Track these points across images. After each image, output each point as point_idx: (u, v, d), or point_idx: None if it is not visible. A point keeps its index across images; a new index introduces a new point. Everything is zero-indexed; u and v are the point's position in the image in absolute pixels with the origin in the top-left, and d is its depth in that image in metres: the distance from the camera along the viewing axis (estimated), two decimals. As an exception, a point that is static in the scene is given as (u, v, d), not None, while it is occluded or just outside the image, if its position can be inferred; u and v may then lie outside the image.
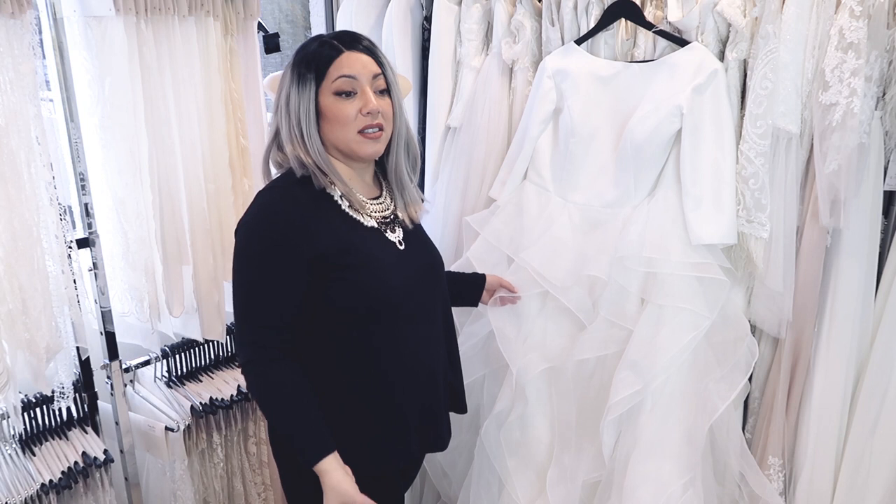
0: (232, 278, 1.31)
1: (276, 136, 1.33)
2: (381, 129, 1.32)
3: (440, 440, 1.50)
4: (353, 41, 1.31)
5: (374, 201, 1.38)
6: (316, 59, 1.29)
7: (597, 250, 1.70)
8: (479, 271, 1.79)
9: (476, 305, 1.74)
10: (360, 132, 1.30)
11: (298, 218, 1.27)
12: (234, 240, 1.32)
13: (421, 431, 1.42)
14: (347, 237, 1.30)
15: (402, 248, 1.38)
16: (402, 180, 1.42)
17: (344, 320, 1.31)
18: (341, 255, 1.28)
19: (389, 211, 1.40)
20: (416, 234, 1.44)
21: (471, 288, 1.71)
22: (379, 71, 1.31)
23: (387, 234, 1.37)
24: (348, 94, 1.29)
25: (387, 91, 1.33)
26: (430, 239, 1.51)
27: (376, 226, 1.36)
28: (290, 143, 1.31)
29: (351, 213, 1.33)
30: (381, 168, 1.44)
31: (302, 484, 1.42)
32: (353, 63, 1.29)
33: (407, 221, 1.42)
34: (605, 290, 1.67)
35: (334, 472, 1.27)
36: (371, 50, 1.32)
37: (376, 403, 1.34)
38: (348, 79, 1.29)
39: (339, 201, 1.32)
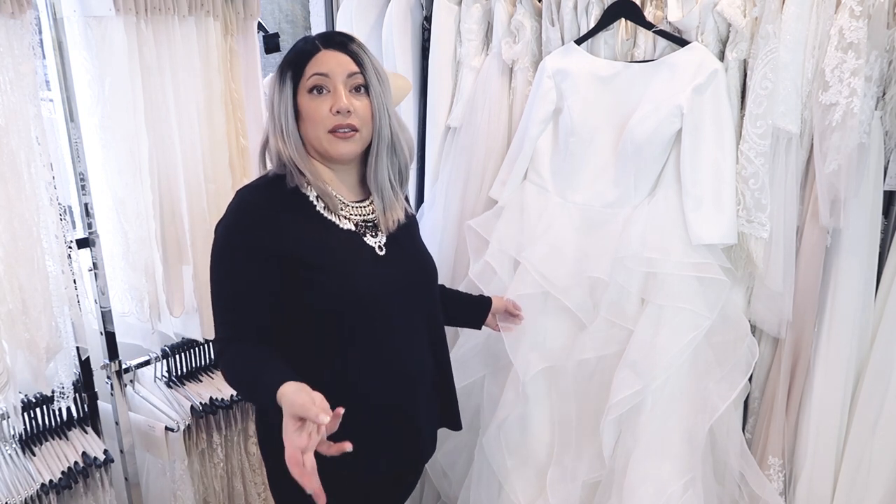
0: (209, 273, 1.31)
1: (268, 134, 1.34)
2: (354, 129, 1.28)
3: (419, 453, 1.46)
4: (333, 40, 1.30)
5: (357, 204, 1.36)
6: (295, 57, 1.30)
7: (598, 251, 1.70)
8: (497, 271, 1.79)
9: (479, 328, 1.70)
10: (331, 131, 1.28)
11: (268, 215, 1.26)
12: None
13: (396, 440, 1.38)
14: (319, 238, 1.29)
15: (381, 253, 1.35)
16: (382, 185, 1.36)
17: (317, 321, 1.29)
18: (311, 256, 1.27)
19: (373, 215, 1.37)
20: (405, 241, 1.41)
21: (476, 310, 1.68)
22: (356, 69, 1.28)
23: (365, 238, 1.34)
24: (320, 91, 1.27)
25: (366, 91, 1.30)
26: (423, 247, 1.47)
27: (354, 228, 1.33)
28: (273, 138, 1.31)
29: (325, 215, 1.31)
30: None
31: (286, 482, 1.41)
32: (327, 60, 1.28)
33: (390, 226, 1.38)
34: (606, 290, 1.67)
35: (282, 403, 1.12)
36: (350, 49, 1.29)
37: (348, 407, 1.23)
38: (321, 76, 1.27)
39: (315, 202, 1.31)
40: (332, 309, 1.29)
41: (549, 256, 1.74)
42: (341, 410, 1.10)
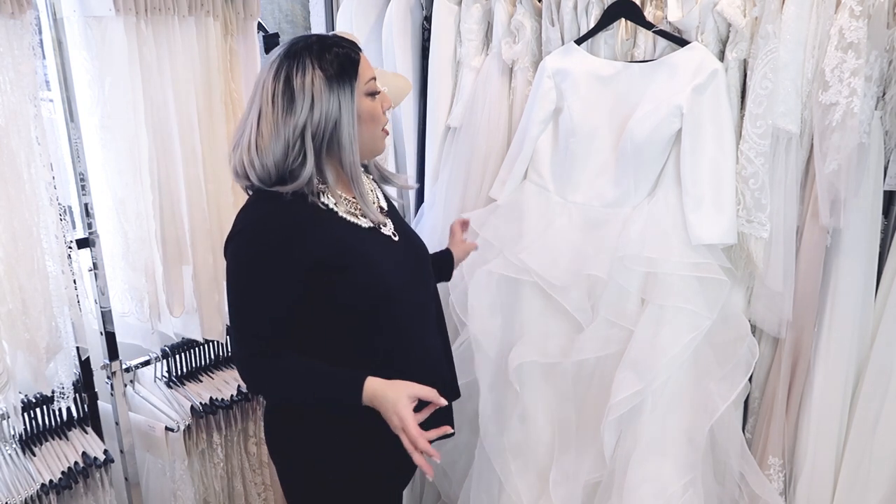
0: (226, 288, 1.30)
1: (302, 146, 1.25)
2: None
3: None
4: (357, 45, 1.33)
5: (354, 199, 1.37)
6: (349, 63, 1.28)
7: (597, 250, 1.70)
8: (468, 277, 1.82)
9: (449, 279, 1.74)
10: (383, 129, 1.36)
11: (295, 229, 1.26)
12: None
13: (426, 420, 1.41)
14: (346, 241, 1.30)
15: (396, 239, 1.39)
16: (382, 167, 1.50)
17: (347, 319, 1.31)
18: (341, 259, 1.28)
19: (376, 205, 1.41)
20: (402, 223, 1.46)
21: (441, 265, 1.71)
22: None
23: (382, 231, 1.38)
24: (377, 94, 1.33)
25: None
26: (413, 230, 1.53)
27: (372, 225, 1.36)
28: (318, 153, 1.27)
29: (348, 218, 1.33)
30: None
31: (299, 483, 1.42)
32: (370, 64, 1.33)
33: (383, 206, 1.44)
34: (604, 290, 1.67)
35: (378, 392, 1.24)
36: None
37: None
38: (375, 80, 1.33)
39: (335, 208, 1.32)
40: (365, 304, 1.31)
41: (548, 256, 1.74)
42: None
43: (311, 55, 1.25)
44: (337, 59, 1.27)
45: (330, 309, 1.30)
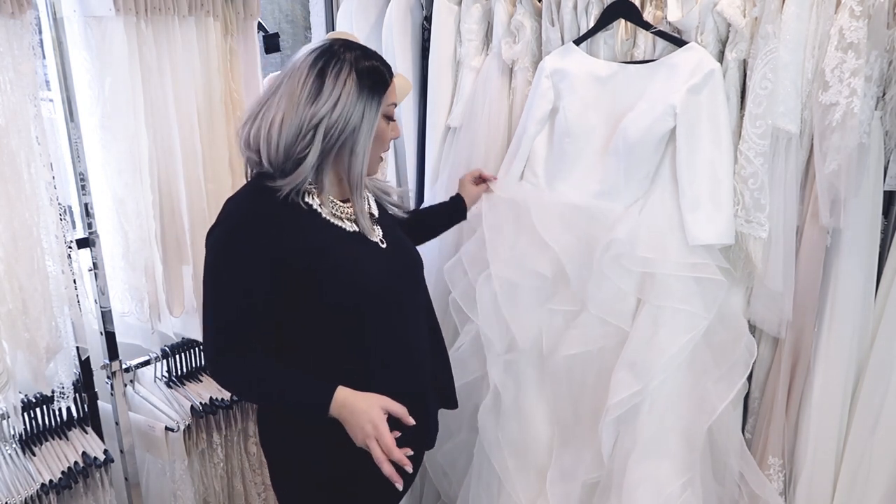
0: (203, 280, 1.30)
1: (312, 138, 1.26)
2: None
3: (427, 437, 1.49)
4: (390, 67, 1.36)
5: (345, 204, 1.37)
6: (382, 82, 1.31)
7: (588, 247, 1.69)
8: (472, 272, 1.82)
9: (465, 217, 1.82)
10: (381, 154, 1.40)
11: (273, 226, 1.26)
12: None
13: (412, 426, 1.40)
14: (325, 243, 1.30)
15: (384, 246, 1.39)
16: (377, 181, 1.53)
17: (334, 322, 1.31)
18: (317, 260, 1.28)
19: (366, 212, 1.41)
20: (395, 231, 1.47)
21: (452, 209, 1.80)
22: None
23: (369, 238, 1.38)
24: (391, 121, 1.37)
25: None
26: (406, 237, 1.52)
27: (358, 229, 1.36)
28: (327, 153, 1.28)
29: (332, 221, 1.33)
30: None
31: (293, 484, 1.42)
32: (395, 92, 1.36)
33: (375, 213, 1.45)
34: (595, 286, 1.66)
35: (349, 401, 1.24)
36: None
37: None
38: (394, 106, 1.36)
39: (319, 209, 1.32)
40: (351, 308, 1.31)
41: (538, 252, 1.74)
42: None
43: (352, 59, 1.28)
44: (374, 72, 1.30)
45: (311, 310, 1.30)
